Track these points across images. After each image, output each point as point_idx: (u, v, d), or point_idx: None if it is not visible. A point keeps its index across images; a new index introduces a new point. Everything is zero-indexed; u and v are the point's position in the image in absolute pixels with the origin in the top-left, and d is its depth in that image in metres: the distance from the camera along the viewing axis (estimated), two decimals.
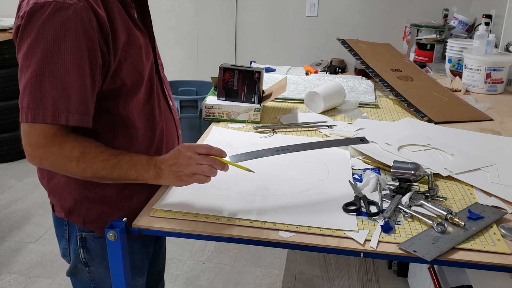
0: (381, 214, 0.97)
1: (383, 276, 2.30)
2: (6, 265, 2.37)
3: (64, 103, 0.92)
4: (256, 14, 3.43)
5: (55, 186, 1.10)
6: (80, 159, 0.95)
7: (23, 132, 0.94)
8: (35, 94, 0.91)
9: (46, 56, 0.90)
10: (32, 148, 0.94)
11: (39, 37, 0.90)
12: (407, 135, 1.42)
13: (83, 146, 0.96)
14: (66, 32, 0.90)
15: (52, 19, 0.89)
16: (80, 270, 1.17)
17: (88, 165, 0.96)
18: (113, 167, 0.97)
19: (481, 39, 1.98)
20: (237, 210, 0.98)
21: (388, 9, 3.29)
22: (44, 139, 0.93)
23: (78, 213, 1.10)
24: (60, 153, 0.94)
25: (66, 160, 0.95)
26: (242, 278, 2.33)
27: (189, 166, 0.96)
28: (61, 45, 0.90)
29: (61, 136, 0.95)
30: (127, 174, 0.98)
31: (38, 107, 0.91)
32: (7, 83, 3.40)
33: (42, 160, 0.95)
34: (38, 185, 3.13)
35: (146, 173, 0.98)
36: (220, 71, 1.54)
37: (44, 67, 0.90)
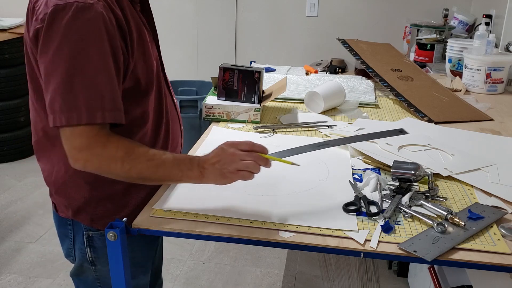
0: (381, 214, 0.97)
1: (383, 276, 2.30)
2: (6, 265, 2.37)
3: (98, 102, 0.92)
4: (256, 14, 3.43)
5: (63, 185, 1.10)
6: (125, 159, 0.94)
7: (65, 137, 0.93)
8: (67, 97, 0.90)
9: (74, 57, 0.90)
10: (76, 151, 0.93)
11: (65, 39, 0.89)
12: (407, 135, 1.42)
13: (126, 146, 0.95)
14: (91, 32, 0.90)
15: (76, 20, 0.89)
16: (86, 269, 1.17)
17: (133, 165, 0.95)
18: (158, 167, 0.96)
19: (481, 39, 1.98)
20: (237, 210, 0.98)
21: (388, 9, 3.29)
22: (87, 140, 0.92)
23: (86, 212, 1.10)
24: (104, 154, 0.93)
25: (110, 160, 0.94)
26: (242, 278, 2.33)
27: (233, 162, 0.95)
28: (87, 46, 0.90)
29: (103, 137, 0.94)
30: (171, 174, 0.97)
31: (72, 108, 0.90)
32: (7, 83, 3.40)
33: (86, 162, 0.94)
34: (38, 185, 3.15)
35: (190, 172, 0.96)
36: (220, 71, 1.54)
37: (73, 68, 0.90)
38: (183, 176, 0.97)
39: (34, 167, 3.48)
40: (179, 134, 1.24)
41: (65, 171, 1.07)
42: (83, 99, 0.91)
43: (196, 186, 1.08)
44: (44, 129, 1.06)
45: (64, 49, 0.89)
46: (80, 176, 1.06)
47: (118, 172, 0.96)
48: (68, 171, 1.07)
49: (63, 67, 0.90)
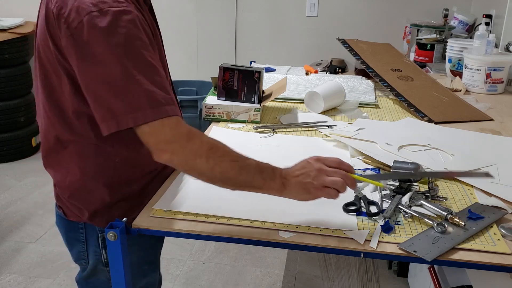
0: (381, 214, 0.97)
1: (383, 276, 2.30)
2: (6, 265, 2.37)
3: (160, 98, 0.90)
4: (256, 14, 3.43)
5: (79, 190, 1.08)
6: (210, 155, 0.91)
7: (146, 135, 0.91)
8: (129, 98, 0.89)
9: (126, 58, 0.89)
10: (163, 144, 0.91)
11: (111, 42, 0.88)
12: (407, 135, 1.42)
13: (210, 142, 0.93)
14: (135, 32, 0.91)
15: (118, 24, 0.89)
16: (100, 271, 1.16)
17: (217, 163, 0.91)
18: (242, 169, 0.92)
19: (481, 39, 1.98)
20: (237, 210, 0.98)
21: (388, 9, 3.29)
22: (170, 131, 0.90)
23: (102, 215, 1.09)
24: (189, 147, 0.91)
25: (196, 155, 0.91)
26: (242, 278, 2.33)
27: (319, 177, 0.91)
28: (136, 45, 0.90)
29: (185, 128, 0.92)
30: (253, 180, 0.92)
31: (137, 109, 0.89)
32: (7, 83, 3.40)
33: (173, 154, 0.91)
34: (38, 185, 3.16)
35: (272, 182, 0.93)
36: (220, 71, 1.54)
37: (128, 69, 0.89)
38: (264, 184, 0.93)
39: (34, 167, 3.49)
40: None
41: (81, 175, 1.06)
42: (144, 97, 0.89)
43: (196, 185, 1.09)
44: (57, 136, 1.04)
45: (113, 53, 0.88)
46: (98, 179, 1.06)
47: (202, 168, 0.91)
48: (84, 175, 1.06)
49: (116, 70, 0.88)
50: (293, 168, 0.95)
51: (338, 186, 0.91)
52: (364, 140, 1.35)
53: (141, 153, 1.08)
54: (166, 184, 1.10)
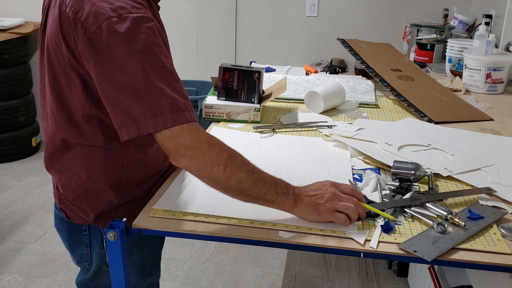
0: None
1: (383, 276, 2.30)
2: (6, 265, 2.37)
3: (179, 103, 0.91)
4: (256, 14, 3.43)
5: (84, 192, 1.08)
6: (228, 164, 0.91)
7: (165, 139, 0.91)
8: (149, 103, 0.89)
9: (146, 64, 0.89)
10: (183, 148, 0.90)
11: (132, 48, 0.88)
12: (407, 135, 1.42)
13: (229, 151, 0.93)
14: (154, 38, 0.91)
15: (138, 29, 0.89)
16: (103, 272, 1.16)
17: (234, 172, 0.91)
18: (257, 181, 0.93)
19: (481, 39, 1.98)
20: (237, 210, 0.98)
21: (388, 9, 3.29)
22: (190, 136, 0.90)
23: (108, 216, 1.09)
24: (209, 154, 0.91)
25: (214, 163, 0.91)
26: (242, 278, 2.33)
27: (332, 200, 0.93)
28: (155, 51, 0.91)
29: (205, 134, 0.93)
30: (266, 193, 0.93)
31: (157, 114, 0.89)
32: (7, 83, 3.40)
33: (192, 159, 0.91)
34: (38, 185, 3.16)
35: (284, 197, 0.93)
36: (220, 71, 1.54)
37: (148, 75, 0.89)
38: (277, 199, 0.93)
39: (34, 167, 3.49)
40: None
41: (87, 177, 1.06)
42: (165, 103, 0.89)
43: (196, 185, 1.09)
44: (64, 139, 1.04)
45: (133, 58, 0.88)
46: (106, 181, 1.06)
47: (219, 176, 0.92)
48: (91, 177, 1.06)
49: (137, 76, 0.88)
50: (307, 187, 0.96)
51: (350, 211, 0.92)
52: (364, 140, 1.35)
53: (148, 154, 1.09)
54: (166, 184, 1.10)
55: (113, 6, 0.89)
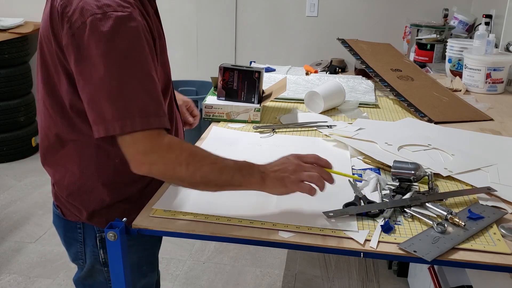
0: (381, 214, 0.97)
1: (383, 276, 2.30)
2: (6, 265, 2.37)
3: (151, 108, 0.91)
4: (256, 14, 3.43)
5: (78, 189, 1.08)
6: (190, 162, 0.92)
7: (126, 144, 0.92)
8: (121, 104, 0.89)
9: (123, 64, 0.89)
10: (141, 155, 0.91)
11: (110, 48, 0.88)
12: (407, 135, 1.42)
13: (189, 149, 0.94)
14: (136, 40, 0.91)
15: (119, 28, 0.89)
16: (97, 271, 1.16)
17: (197, 168, 0.93)
18: (221, 170, 0.94)
19: (481, 39, 1.98)
20: (237, 210, 0.98)
21: (388, 9, 3.29)
22: (150, 143, 0.91)
23: (101, 215, 1.09)
24: (169, 156, 0.92)
25: (175, 163, 0.92)
26: (242, 278, 2.33)
27: (296, 172, 0.94)
28: (134, 52, 0.90)
29: (165, 138, 0.93)
30: (233, 179, 0.95)
31: (125, 116, 0.89)
32: (7, 83, 3.40)
33: (152, 165, 0.92)
34: (38, 185, 3.16)
35: (251, 178, 0.95)
36: (220, 71, 1.54)
37: (123, 75, 0.89)
38: (244, 181, 0.95)
39: (34, 167, 3.49)
40: (183, 137, 1.25)
41: (80, 175, 1.07)
42: (136, 105, 0.90)
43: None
44: (58, 134, 1.05)
45: (111, 57, 0.88)
46: (98, 179, 1.06)
47: (183, 175, 0.93)
48: (83, 174, 1.06)
49: (112, 75, 0.89)
50: (272, 163, 0.98)
51: (314, 180, 0.94)
52: (364, 140, 1.35)
53: None
54: (166, 184, 1.10)
55: (100, 3, 0.90)
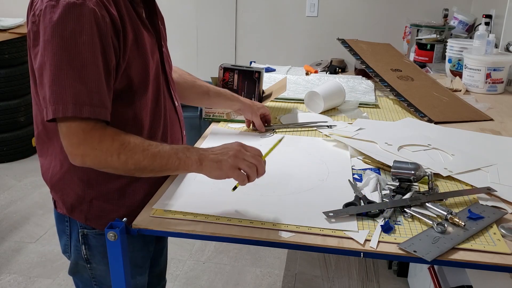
0: (381, 214, 0.97)
1: (383, 276, 2.30)
2: (6, 265, 2.37)
3: (85, 96, 0.93)
4: (256, 14, 3.43)
5: (58, 182, 1.10)
6: (121, 151, 0.95)
7: (62, 135, 0.95)
8: (56, 89, 0.91)
9: (63, 50, 0.91)
10: (73, 147, 0.95)
11: (55, 34, 0.91)
12: (407, 135, 1.42)
13: (122, 139, 0.96)
14: (81, 27, 0.92)
15: (66, 15, 0.91)
16: (81, 267, 1.17)
17: (129, 156, 0.95)
18: (154, 157, 0.96)
19: (481, 39, 1.98)
20: (237, 210, 0.98)
21: (388, 9, 3.29)
22: (83, 135, 0.94)
23: (80, 210, 1.11)
24: (100, 147, 0.95)
25: (107, 154, 0.95)
26: (242, 278, 2.33)
27: (235, 157, 0.96)
28: (78, 40, 0.92)
29: (99, 131, 0.95)
30: (168, 163, 0.96)
31: (59, 101, 0.91)
32: (7, 83, 3.40)
33: (84, 157, 0.95)
34: (38, 185, 3.15)
35: (188, 160, 0.96)
36: (220, 71, 1.54)
37: (62, 61, 0.91)
38: (181, 164, 0.97)
39: (34, 167, 3.48)
40: (180, 138, 1.24)
41: (60, 167, 1.08)
42: (71, 92, 0.92)
43: (196, 185, 1.09)
44: (43, 122, 1.06)
45: (54, 43, 0.91)
46: (74, 173, 1.07)
47: (115, 165, 0.96)
48: (62, 167, 1.08)
49: (52, 60, 0.91)
50: (215, 147, 1.00)
51: (250, 171, 0.96)
52: (364, 140, 1.35)
53: None
54: (166, 184, 1.10)
55: None
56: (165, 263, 1.45)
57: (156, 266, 1.36)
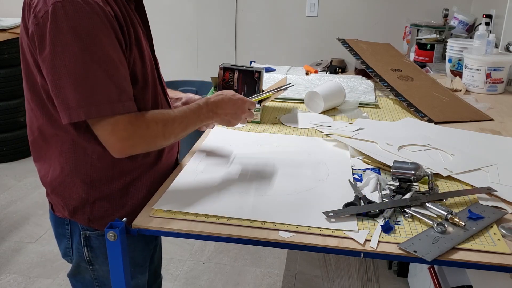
0: (381, 214, 0.97)
1: (383, 276, 2.30)
2: (6, 265, 2.37)
3: (116, 93, 0.94)
4: (256, 14, 3.43)
5: (59, 185, 1.09)
6: (165, 131, 1.02)
7: (107, 133, 0.95)
8: (83, 90, 0.91)
9: (84, 51, 0.90)
10: (124, 141, 0.97)
11: (72, 35, 0.90)
12: (407, 135, 1.42)
13: (162, 119, 1.02)
14: (97, 25, 0.91)
15: (79, 15, 0.90)
16: (83, 269, 1.17)
17: (171, 132, 1.04)
18: (187, 126, 1.07)
19: (481, 39, 1.98)
20: (237, 210, 0.98)
21: (388, 9, 3.29)
22: (131, 127, 0.96)
23: (83, 212, 1.10)
24: (149, 133, 1.00)
25: (156, 137, 1.01)
26: (242, 278, 2.33)
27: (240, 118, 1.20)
28: (96, 39, 0.91)
29: (141, 118, 0.98)
30: (195, 126, 1.11)
31: (91, 102, 0.91)
32: (7, 83, 3.40)
33: (135, 147, 0.99)
34: (38, 185, 3.15)
35: (207, 119, 1.13)
36: (220, 71, 1.54)
37: (86, 61, 0.90)
38: (203, 122, 1.12)
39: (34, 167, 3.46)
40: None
41: (61, 171, 1.07)
42: (101, 91, 0.91)
43: (196, 185, 1.09)
44: (40, 128, 1.05)
45: (74, 45, 0.90)
46: (76, 176, 1.07)
47: (162, 143, 1.04)
48: (63, 170, 1.07)
49: (74, 63, 0.90)
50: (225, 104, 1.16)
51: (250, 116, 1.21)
52: (364, 140, 1.35)
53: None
54: (166, 184, 1.10)
55: None
56: (160, 260, 1.45)
57: (151, 263, 1.36)
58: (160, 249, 1.44)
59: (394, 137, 1.38)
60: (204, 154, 1.28)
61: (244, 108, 1.19)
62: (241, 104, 1.18)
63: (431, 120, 1.59)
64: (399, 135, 1.41)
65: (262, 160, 1.24)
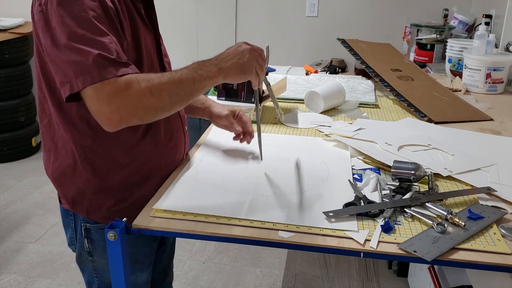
0: (381, 214, 0.97)
1: (383, 276, 2.30)
2: (6, 265, 2.37)
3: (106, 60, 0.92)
4: (256, 14, 3.43)
5: (60, 176, 1.11)
6: (151, 88, 0.93)
7: (90, 99, 0.92)
8: (76, 61, 0.91)
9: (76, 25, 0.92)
10: (105, 105, 0.92)
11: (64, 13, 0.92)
12: (407, 135, 1.42)
13: (144, 76, 0.95)
14: (90, 5, 0.93)
15: None
16: (85, 259, 1.19)
17: (160, 89, 0.94)
18: (181, 81, 0.97)
19: (481, 39, 1.98)
20: (237, 210, 0.98)
21: (388, 9, 3.29)
22: (111, 87, 0.91)
23: (82, 204, 1.12)
24: (130, 92, 0.92)
25: (141, 95, 0.93)
26: (242, 278, 2.33)
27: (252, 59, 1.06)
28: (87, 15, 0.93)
29: (122, 79, 0.93)
30: (195, 83, 0.99)
31: (84, 71, 0.91)
32: (7, 83, 3.40)
33: (120, 111, 0.92)
34: (38, 185, 3.16)
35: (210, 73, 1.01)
36: None
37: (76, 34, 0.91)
38: (206, 80, 1.00)
39: (34, 167, 3.49)
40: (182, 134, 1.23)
41: (61, 162, 1.09)
42: (92, 60, 0.91)
43: (196, 185, 1.09)
44: (49, 115, 1.08)
45: (66, 20, 0.91)
46: (75, 167, 1.08)
47: (152, 102, 0.95)
48: (63, 162, 1.08)
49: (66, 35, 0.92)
50: (223, 53, 1.06)
51: (261, 74, 1.08)
52: (364, 140, 1.35)
53: (107, 144, 1.08)
54: (166, 184, 1.10)
55: None
56: (170, 259, 1.45)
57: (159, 262, 1.37)
58: (171, 249, 1.44)
59: (394, 137, 1.38)
60: (204, 154, 1.28)
61: (252, 55, 1.06)
62: (246, 49, 1.06)
63: (431, 120, 1.59)
64: (399, 135, 1.41)
65: (262, 161, 1.24)
